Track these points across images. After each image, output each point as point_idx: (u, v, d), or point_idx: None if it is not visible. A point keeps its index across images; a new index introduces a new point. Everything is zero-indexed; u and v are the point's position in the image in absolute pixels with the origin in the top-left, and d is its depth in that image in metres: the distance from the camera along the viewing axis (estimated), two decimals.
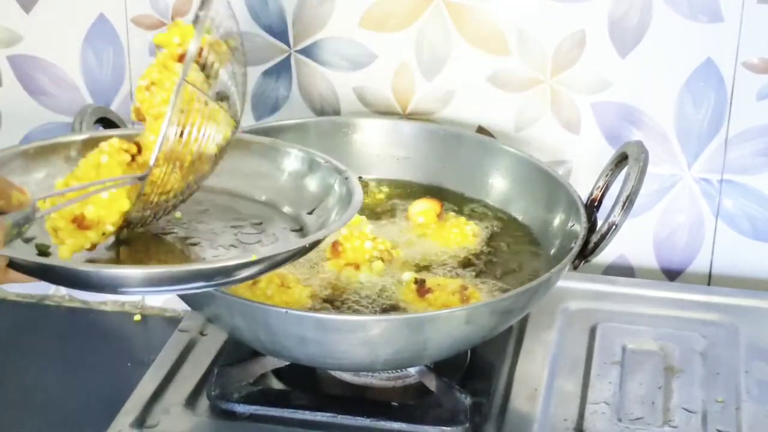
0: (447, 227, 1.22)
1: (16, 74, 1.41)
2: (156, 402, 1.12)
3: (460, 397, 1.08)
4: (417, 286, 1.11)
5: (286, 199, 1.13)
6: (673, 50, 1.28)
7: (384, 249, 1.15)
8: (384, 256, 1.15)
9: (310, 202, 1.11)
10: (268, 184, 1.14)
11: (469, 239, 1.20)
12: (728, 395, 1.14)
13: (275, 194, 1.13)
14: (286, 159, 1.14)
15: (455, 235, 1.21)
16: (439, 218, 1.22)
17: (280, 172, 1.14)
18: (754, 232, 1.33)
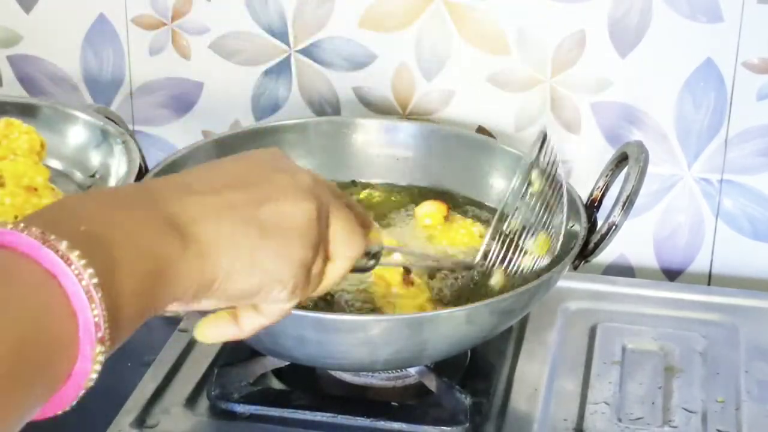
0: (454, 228, 1.22)
1: (16, 74, 1.41)
2: (156, 402, 1.12)
3: (460, 397, 1.08)
4: (404, 275, 1.11)
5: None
6: (673, 50, 1.28)
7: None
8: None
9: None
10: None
11: (476, 239, 1.20)
12: (728, 395, 1.14)
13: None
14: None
15: (462, 235, 1.20)
16: (446, 220, 1.22)
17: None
18: (754, 232, 1.33)
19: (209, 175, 0.76)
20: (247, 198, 0.74)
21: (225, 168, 0.78)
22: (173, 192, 0.72)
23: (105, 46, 1.38)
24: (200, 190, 0.73)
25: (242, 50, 1.36)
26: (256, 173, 0.76)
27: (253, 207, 0.74)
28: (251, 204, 0.74)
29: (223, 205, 0.73)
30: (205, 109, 1.39)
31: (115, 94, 1.40)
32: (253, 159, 0.79)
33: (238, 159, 0.79)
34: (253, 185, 0.75)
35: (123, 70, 1.39)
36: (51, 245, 0.62)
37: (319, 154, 1.29)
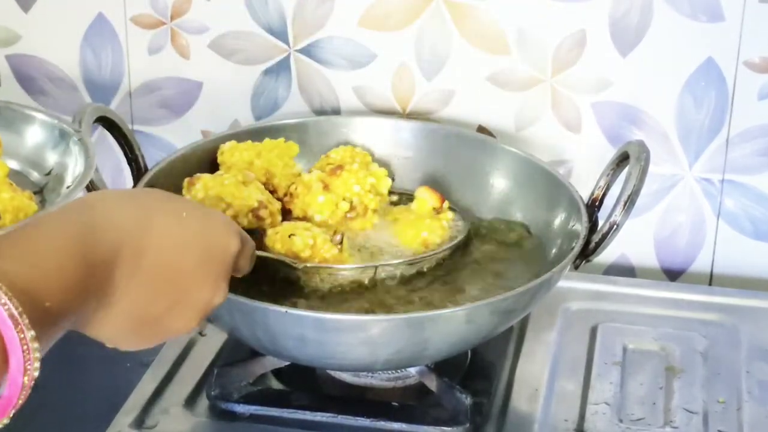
0: (418, 225, 1.19)
1: (15, 74, 1.41)
2: (155, 402, 1.12)
3: (461, 397, 1.07)
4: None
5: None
6: (674, 50, 1.28)
7: (365, 205, 1.18)
8: (360, 208, 1.18)
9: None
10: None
11: (437, 235, 1.18)
12: (729, 396, 1.14)
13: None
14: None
15: (412, 237, 1.18)
16: (437, 212, 1.20)
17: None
18: (756, 232, 1.33)
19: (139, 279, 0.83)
20: (164, 310, 0.86)
21: (154, 272, 0.84)
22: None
23: (104, 45, 1.38)
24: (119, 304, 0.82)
25: (242, 50, 1.36)
26: (180, 277, 0.86)
27: (166, 316, 0.86)
28: (164, 314, 0.86)
29: (136, 322, 0.85)
30: (205, 108, 1.39)
31: (114, 93, 1.40)
32: (182, 251, 0.86)
33: (171, 249, 0.86)
34: (174, 295, 0.86)
35: (122, 70, 1.39)
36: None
37: (319, 154, 1.28)
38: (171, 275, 0.84)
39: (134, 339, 0.86)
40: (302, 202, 1.18)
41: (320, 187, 1.17)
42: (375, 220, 1.19)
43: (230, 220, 0.92)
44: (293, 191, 1.19)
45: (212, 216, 0.91)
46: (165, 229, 0.85)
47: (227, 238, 0.89)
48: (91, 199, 0.86)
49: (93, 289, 0.78)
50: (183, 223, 0.86)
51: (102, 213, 0.82)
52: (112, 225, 0.81)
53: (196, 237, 0.87)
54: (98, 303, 0.80)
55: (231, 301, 1.02)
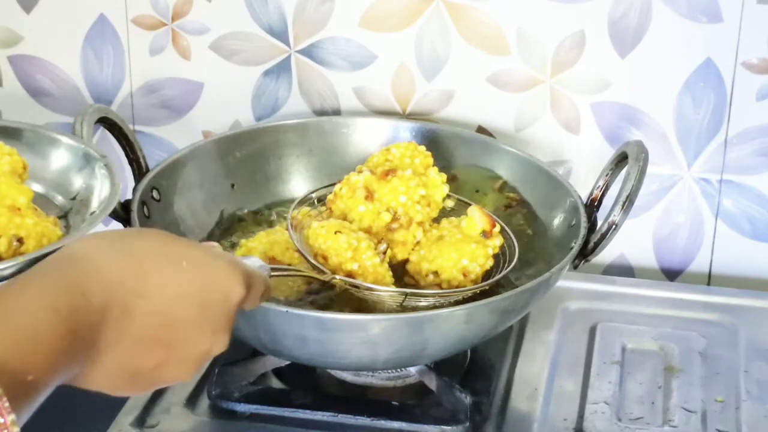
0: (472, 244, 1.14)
1: (17, 74, 1.41)
2: (156, 401, 1.12)
3: (461, 396, 1.08)
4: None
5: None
6: (672, 50, 1.28)
7: (410, 217, 1.13)
8: (404, 221, 1.13)
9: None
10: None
11: (478, 264, 1.12)
12: (728, 395, 1.14)
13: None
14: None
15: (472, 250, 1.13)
16: (485, 237, 1.13)
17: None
18: (754, 232, 1.33)
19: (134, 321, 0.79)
20: (158, 364, 0.82)
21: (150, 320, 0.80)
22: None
23: (105, 46, 1.38)
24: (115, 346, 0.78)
25: (242, 50, 1.36)
26: (175, 330, 0.81)
27: (161, 368, 0.82)
28: (159, 367, 0.82)
29: (127, 372, 0.80)
30: (205, 109, 1.39)
31: (115, 94, 1.40)
32: (178, 304, 0.81)
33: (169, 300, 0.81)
34: (168, 350, 0.81)
35: (123, 70, 1.39)
36: None
37: (319, 154, 1.29)
38: (164, 330, 0.80)
39: (126, 389, 0.82)
40: (345, 204, 1.14)
41: (363, 196, 1.13)
42: (418, 234, 1.14)
43: (236, 265, 0.85)
44: (338, 191, 1.15)
45: (214, 263, 0.84)
46: (159, 281, 0.80)
47: (230, 286, 0.84)
48: (75, 251, 0.79)
49: (79, 351, 0.75)
50: (180, 274, 0.81)
51: (87, 269, 0.77)
52: (100, 282, 0.77)
53: (194, 288, 0.81)
54: (85, 362, 0.76)
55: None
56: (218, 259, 0.84)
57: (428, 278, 1.11)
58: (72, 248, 0.80)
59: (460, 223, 1.14)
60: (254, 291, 0.87)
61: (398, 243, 1.13)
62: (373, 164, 1.19)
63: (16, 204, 1.04)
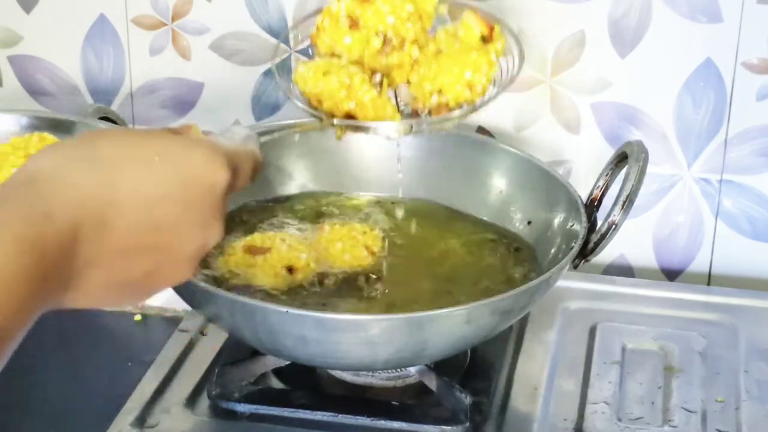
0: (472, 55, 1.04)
1: (17, 74, 1.41)
2: (156, 402, 1.12)
3: (461, 396, 1.08)
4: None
5: None
6: (672, 50, 1.28)
7: (402, 36, 1.04)
8: (396, 41, 1.04)
9: None
10: None
11: (483, 73, 1.04)
12: (728, 395, 1.14)
13: None
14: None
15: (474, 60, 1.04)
16: (484, 42, 1.05)
17: None
18: (754, 232, 1.33)
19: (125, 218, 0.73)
20: (149, 271, 0.76)
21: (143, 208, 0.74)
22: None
23: (105, 46, 1.38)
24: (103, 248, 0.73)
25: (242, 50, 1.36)
26: (169, 223, 0.76)
27: (154, 274, 0.77)
28: (151, 273, 0.76)
29: (117, 279, 0.75)
30: (205, 109, 1.39)
31: (115, 94, 1.40)
32: (174, 188, 0.76)
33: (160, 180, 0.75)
34: (156, 254, 0.76)
35: (123, 71, 1.39)
36: None
37: (319, 153, 1.29)
38: (148, 236, 0.74)
39: (121, 300, 0.76)
40: (330, 37, 1.06)
41: (347, 25, 1.04)
42: (414, 53, 1.05)
43: (215, 148, 0.79)
44: (320, 24, 1.06)
45: (190, 152, 0.77)
46: (133, 184, 0.73)
47: (212, 174, 0.77)
48: (33, 170, 0.72)
49: (53, 278, 0.69)
50: (155, 172, 0.74)
51: (49, 188, 0.71)
52: (64, 200, 0.70)
53: (171, 184, 0.75)
54: (65, 286, 0.71)
55: (232, 301, 1.03)
56: (194, 146, 0.78)
57: (432, 99, 1.03)
58: (30, 166, 0.73)
59: (456, 32, 1.06)
60: (242, 170, 0.81)
61: (394, 67, 1.05)
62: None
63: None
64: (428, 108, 1.03)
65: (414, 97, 1.05)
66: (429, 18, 1.06)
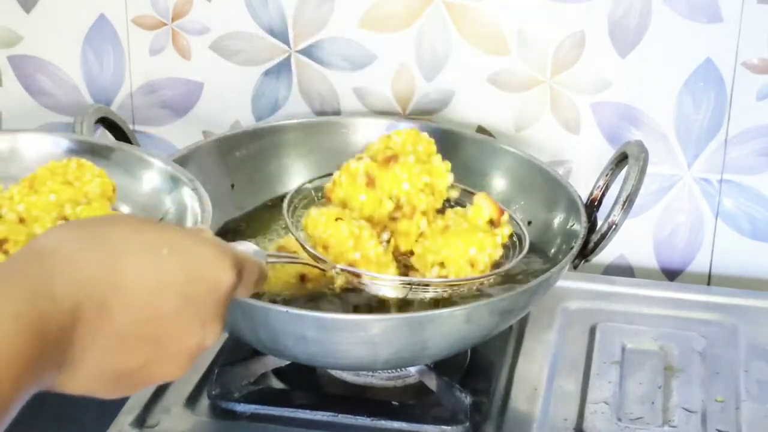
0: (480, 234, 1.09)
1: (17, 74, 1.41)
2: (156, 401, 1.12)
3: (461, 396, 1.08)
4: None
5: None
6: (672, 50, 1.28)
7: (414, 206, 1.07)
8: (407, 209, 1.07)
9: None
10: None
11: (487, 254, 1.08)
12: (728, 395, 1.14)
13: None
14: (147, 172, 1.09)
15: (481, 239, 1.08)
16: (492, 226, 1.09)
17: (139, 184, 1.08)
18: (754, 232, 1.33)
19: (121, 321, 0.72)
20: (143, 363, 0.74)
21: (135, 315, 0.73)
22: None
23: (105, 46, 1.38)
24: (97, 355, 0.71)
25: (242, 50, 1.36)
26: (164, 325, 0.74)
27: (148, 367, 0.75)
28: (145, 366, 0.75)
29: (111, 375, 0.73)
30: (205, 109, 1.39)
31: (115, 94, 1.40)
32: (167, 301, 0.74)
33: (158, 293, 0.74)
34: (152, 347, 0.74)
35: (123, 71, 1.39)
36: None
37: (319, 154, 1.29)
38: (147, 326, 0.73)
39: (113, 391, 0.75)
40: (345, 192, 1.09)
41: (364, 183, 1.08)
42: (423, 224, 1.09)
43: (224, 249, 0.78)
44: (336, 179, 1.09)
45: (199, 248, 0.76)
46: (137, 273, 0.72)
47: (218, 273, 0.76)
48: (40, 247, 0.71)
49: (50, 358, 0.68)
50: (161, 262, 0.73)
51: (54, 267, 0.70)
52: (69, 280, 0.69)
53: (176, 277, 0.74)
54: (61, 367, 0.70)
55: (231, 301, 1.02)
56: (203, 244, 0.77)
57: (434, 271, 1.07)
58: (38, 244, 0.72)
59: (466, 213, 1.09)
60: (247, 277, 0.80)
61: (401, 233, 1.09)
62: (374, 151, 1.13)
63: None
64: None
65: (414, 269, 1.08)
66: (440, 196, 1.11)
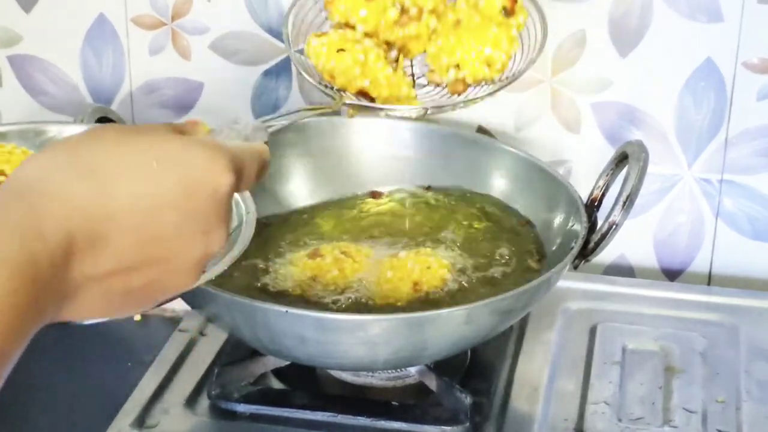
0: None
1: (16, 74, 1.41)
2: (156, 402, 1.12)
3: (461, 396, 1.08)
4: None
5: None
6: (673, 50, 1.28)
7: (420, 6, 1.00)
8: (413, 11, 1.01)
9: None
10: None
11: (503, 50, 1.02)
12: (728, 395, 1.14)
13: None
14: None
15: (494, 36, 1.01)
16: (506, 14, 1.03)
17: None
18: (754, 232, 1.33)
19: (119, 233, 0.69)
20: (150, 281, 0.72)
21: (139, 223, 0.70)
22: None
23: (105, 46, 1.38)
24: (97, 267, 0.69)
25: (242, 50, 1.36)
26: (165, 239, 0.71)
27: (155, 283, 0.72)
28: (152, 283, 0.72)
29: (112, 291, 0.70)
30: (205, 109, 1.39)
31: (115, 94, 1.40)
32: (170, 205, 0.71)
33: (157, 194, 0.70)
34: (157, 265, 0.71)
35: (123, 70, 1.39)
36: None
37: (318, 154, 1.28)
38: (147, 247, 0.70)
39: (124, 310, 0.73)
40: (345, 5, 1.02)
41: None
42: (432, 23, 1.01)
43: (218, 149, 0.74)
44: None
45: (190, 154, 0.72)
46: (129, 193, 0.69)
47: (214, 177, 0.72)
48: (25, 179, 0.68)
49: (46, 297, 0.66)
50: (154, 178, 0.70)
51: (41, 200, 0.67)
52: (57, 213, 0.66)
53: (171, 192, 0.70)
54: (60, 301, 0.67)
55: (231, 301, 1.03)
56: (194, 148, 0.73)
57: (450, 73, 1.01)
58: (20, 178, 0.69)
59: (477, 2, 1.02)
60: (247, 170, 0.77)
61: (411, 38, 1.02)
62: None
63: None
64: (446, 82, 0.99)
65: (431, 69, 1.01)
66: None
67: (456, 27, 0.99)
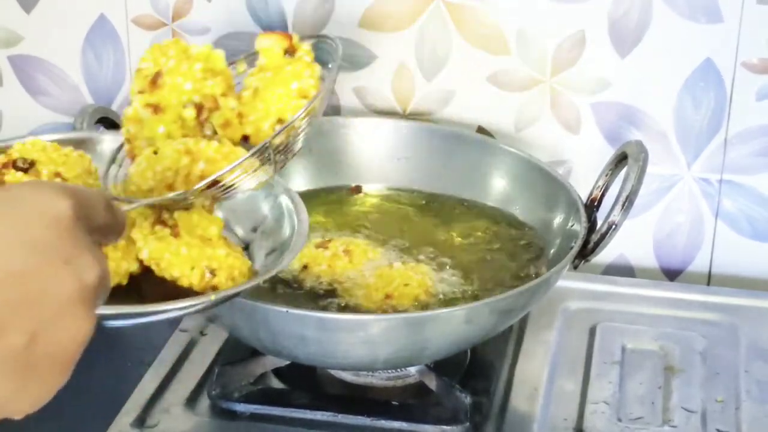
0: (281, 80, 0.99)
1: (17, 74, 1.41)
2: (156, 402, 1.12)
3: (461, 396, 1.08)
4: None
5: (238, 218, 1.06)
6: (672, 50, 1.28)
7: (210, 95, 0.98)
8: (208, 102, 0.98)
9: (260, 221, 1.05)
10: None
11: (309, 76, 0.99)
12: (728, 395, 1.14)
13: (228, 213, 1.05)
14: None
15: (282, 96, 0.98)
16: (290, 54, 1.00)
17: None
18: (754, 232, 1.33)
19: None
20: (25, 336, 0.65)
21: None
22: None
23: (105, 46, 1.38)
24: None
25: (242, 50, 1.36)
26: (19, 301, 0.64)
27: (38, 345, 0.66)
28: (32, 340, 0.65)
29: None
30: None
31: (115, 94, 1.40)
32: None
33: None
34: (21, 314, 0.64)
35: (123, 71, 1.39)
36: None
37: (318, 153, 1.29)
38: (4, 292, 0.63)
39: (34, 385, 0.67)
40: (145, 136, 0.98)
41: (150, 113, 0.97)
42: (232, 104, 0.99)
43: (45, 182, 0.71)
44: (127, 135, 0.99)
45: (16, 192, 0.68)
46: None
47: (47, 204, 0.66)
48: None
49: None
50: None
51: None
52: None
53: (11, 228, 0.65)
54: None
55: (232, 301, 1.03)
56: (30, 185, 0.69)
57: (276, 129, 0.98)
58: None
59: (261, 65, 1.02)
60: (92, 201, 0.70)
61: (223, 127, 0.99)
62: (138, 87, 1.00)
63: (206, 234, 0.96)
64: (269, 141, 0.96)
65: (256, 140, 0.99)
66: (227, 75, 1.01)
67: (257, 95, 0.99)
